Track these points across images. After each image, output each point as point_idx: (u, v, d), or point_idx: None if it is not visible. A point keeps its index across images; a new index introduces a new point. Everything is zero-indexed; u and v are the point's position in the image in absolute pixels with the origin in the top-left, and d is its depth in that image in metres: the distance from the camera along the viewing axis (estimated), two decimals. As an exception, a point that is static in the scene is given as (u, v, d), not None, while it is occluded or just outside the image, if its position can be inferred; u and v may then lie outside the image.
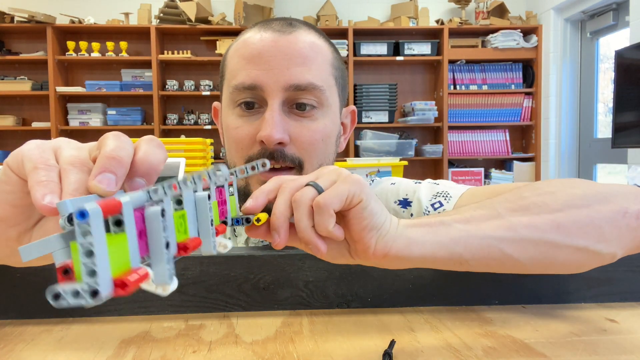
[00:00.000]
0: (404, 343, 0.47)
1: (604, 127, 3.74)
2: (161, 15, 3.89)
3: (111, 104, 4.10)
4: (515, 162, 4.15)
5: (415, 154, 4.06)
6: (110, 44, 3.93)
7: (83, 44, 3.92)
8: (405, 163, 2.77)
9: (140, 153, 0.35)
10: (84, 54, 3.92)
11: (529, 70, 4.16)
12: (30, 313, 0.55)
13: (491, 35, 4.07)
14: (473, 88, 4.12)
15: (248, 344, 0.47)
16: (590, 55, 3.85)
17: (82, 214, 0.24)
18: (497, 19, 4.06)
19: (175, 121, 4.01)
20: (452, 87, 4.10)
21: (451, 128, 4.12)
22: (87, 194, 0.33)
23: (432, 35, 4.17)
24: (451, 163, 4.17)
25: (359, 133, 4.08)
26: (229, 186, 0.40)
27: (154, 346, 0.47)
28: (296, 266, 0.56)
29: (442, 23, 4.06)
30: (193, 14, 3.86)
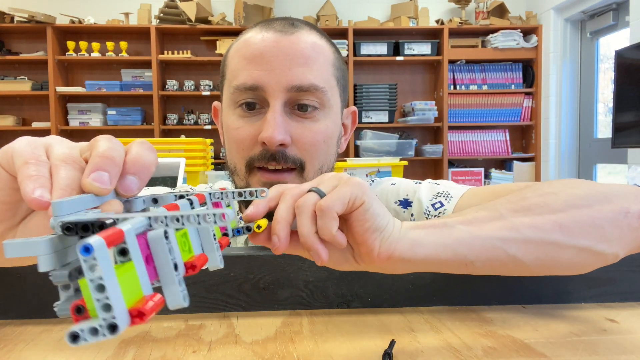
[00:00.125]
0: (404, 343, 0.47)
1: (604, 127, 3.74)
2: (161, 15, 3.89)
3: (111, 104, 4.10)
4: (515, 162, 4.15)
5: (415, 154, 4.06)
6: (110, 44, 3.93)
7: (83, 44, 3.92)
8: (405, 163, 2.77)
9: (131, 154, 0.35)
10: (84, 54, 3.92)
11: (529, 70, 4.16)
12: (30, 313, 0.55)
13: (491, 35, 4.07)
14: (473, 88, 4.12)
15: (248, 344, 0.47)
16: (590, 55, 3.85)
17: (87, 249, 0.24)
18: (497, 19, 4.06)
19: (175, 121, 4.01)
20: (452, 87, 4.10)
21: (451, 128, 4.12)
22: (78, 192, 0.33)
23: (432, 35, 4.17)
24: (451, 163, 4.17)
25: (359, 133, 4.08)
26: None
27: (154, 346, 0.47)
28: (296, 266, 0.56)
29: (442, 23, 4.06)
30: (193, 14, 3.86)
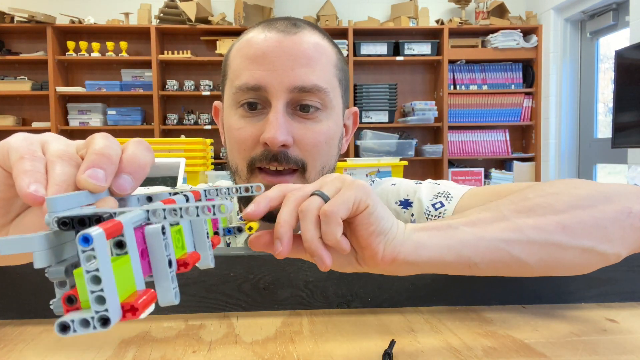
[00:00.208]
0: (404, 343, 0.47)
1: (604, 127, 3.74)
2: (161, 15, 3.89)
3: (111, 104, 4.10)
4: (515, 162, 4.15)
5: (415, 154, 4.06)
6: (110, 44, 3.93)
7: (83, 44, 3.92)
8: (405, 163, 2.77)
9: (128, 153, 0.35)
10: (84, 54, 3.92)
11: (529, 70, 4.16)
12: (30, 313, 0.55)
13: (491, 35, 4.07)
14: (473, 88, 4.12)
15: (248, 344, 0.47)
16: (590, 55, 3.85)
17: (86, 239, 0.23)
18: (497, 19, 4.06)
19: (175, 121, 4.01)
20: (452, 87, 4.10)
21: (451, 128, 4.12)
22: (74, 188, 0.32)
23: (432, 35, 4.17)
24: (451, 163, 4.17)
25: (359, 133, 4.08)
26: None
27: (154, 346, 0.47)
28: (296, 266, 0.56)
29: (442, 23, 4.06)
30: (193, 14, 3.86)
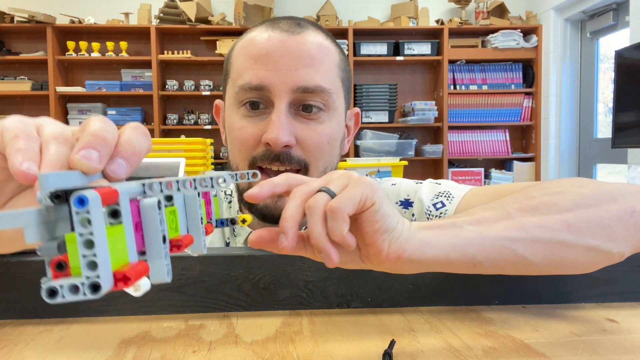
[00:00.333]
0: (404, 343, 0.47)
1: (604, 127, 3.74)
2: (161, 15, 3.89)
3: (111, 104, 4.10)
4: (515, 162, 4.15)
5: (415, 154, 4.06)
6: (110, 44, 3.93)
7: (83, 44, 3.92)
8: (405, 163, 2.77)
9: (124, 137, 0.34)
10: (84, 54, 3.92)
11: (529, 70, 4.16)
12: (30, 313, 0.55)
13: (491, 35, 4.07)
14: (473, 88, 4.12)
15: (248, 344, 0.47)
16: (590, 55, 3.85)
17: (81, 201, 0.22)
18: (497, 19, 4.06)
19: (175, 121, 4.02)
20: (452, 87, 4.10)
21: (451, 128, 4.12)
22: (67, 169, 0.32)
23: (432, 35, 4.17)
24: (451, 163, 4.17)
25: (359, 133, 4.08)
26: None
27: (154, 346, 0.47)
28: (296, 266, 0.56)
29: (442, 23, 4.06)
30: (193, 14, 3.86)
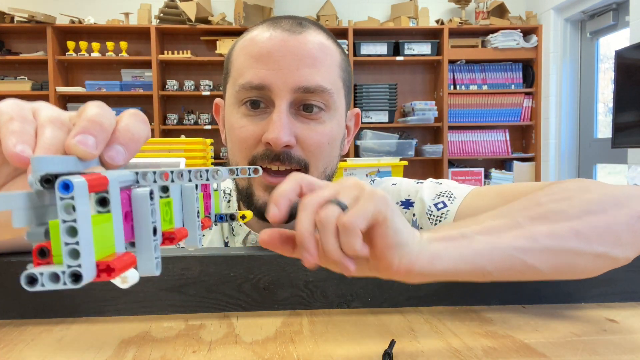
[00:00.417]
0: (404, 343, 0.47)
1: (604, 127, 3.74)
2: (161, 15, 3.89)
3: (111, 104, 4.10)
4: (515, 162, 4.15)
5: (415, 154, 4.06)
6: (110, 44, 3.93)
7: (83, 44, 3.92)
8: (405, 163, 2.77)
9: (122, 123, 0.33)
10: (84, 54, 3.92)
11: (529, 70, 4.16)
12: (30, 313, 0.55)
13: (491, 35, 4.07)
14: (473, 88, 4.12)
15: (248, 344, 0.47)
16: (590, 55, 3.85)
17: (66, 186, 0.21)
18: (497, 19, 4.06)
19: (175, 121, 4.02)
20: (452, 87, 4.10)
21: (451, 128, 4.12)
22: (63, 154, 0.31)
23: (432, 35, 4.17)
24: (451, 163, 4.17)
25: (359, 133, 4.08)
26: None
27: (154, 346, 0.47)
28: (296, 266, 0.56)
29: (442, 23, 4.06)
30: (193, 14, 3.86)
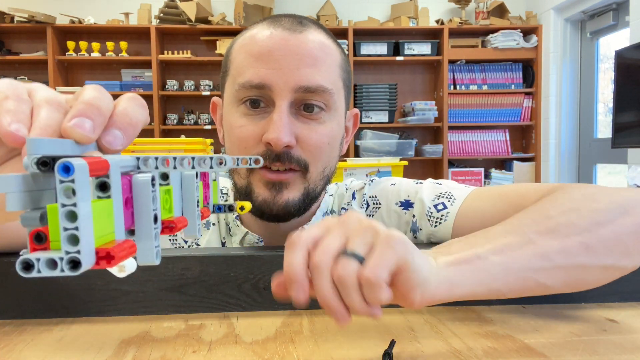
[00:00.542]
0: (404, 343, 0.47)
1: (604, 127, 3.75)
2: (161, 15, 3.89)
3: (111, 104, 4.10)
4: (515, 162, 4.15)
5: (415, 154, 4.07)
6: (110, 44, 3.93)
7: (83, 44, 3.92)
8: (405, 163, 2.77)
9: (120, 107, 0.33)
10: (84, 54, 3.92)
11: (529, 70, 4.16)
12: (30, 313, 0.55)
13: (491, 35, 4.07)
14: (473, 88, 4.12)
15: (248, 344, 0.47)
16: (590, 55, 3.85)
17: (67, 169, 0.20)
18: (497, 19, 4.06)
19: (175, 121, 4.02)
20: (452, 87, 4.11)
21: (451, 128, 4.12)
22: (58, 136, 0.30)
23: (432, 35, 4.17)
24: (451, 163, 4.17)
25: (359, 133, 4.08)
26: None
27: (154, 346, 0.47)
28: (296, 266, 0.56)
29: (442, 23, 4.06)
30: (193, 14, 3.86)
